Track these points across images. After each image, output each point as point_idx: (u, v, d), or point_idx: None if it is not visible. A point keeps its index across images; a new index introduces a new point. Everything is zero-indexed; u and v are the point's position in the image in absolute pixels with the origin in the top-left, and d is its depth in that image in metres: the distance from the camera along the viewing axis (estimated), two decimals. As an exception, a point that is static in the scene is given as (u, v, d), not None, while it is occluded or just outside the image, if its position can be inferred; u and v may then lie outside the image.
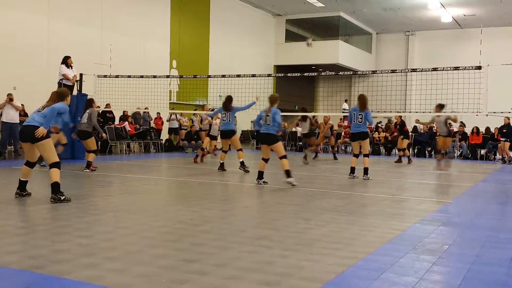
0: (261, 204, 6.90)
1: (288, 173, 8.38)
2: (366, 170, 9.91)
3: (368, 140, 10.21)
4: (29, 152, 6.59)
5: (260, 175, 8.72)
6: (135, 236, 4.55)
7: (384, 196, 7.85)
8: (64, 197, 6.31)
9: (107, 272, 3.45)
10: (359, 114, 9.85)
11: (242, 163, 10.80)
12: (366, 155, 10.02)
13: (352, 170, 10.09)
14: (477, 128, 18.67)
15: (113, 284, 3.21)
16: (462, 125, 19.45)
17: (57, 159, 6.45)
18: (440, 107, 12.25)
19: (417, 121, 14.19)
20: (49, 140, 6.46)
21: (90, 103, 10.79)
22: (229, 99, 10.95)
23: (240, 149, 11.05)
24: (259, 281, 3.34)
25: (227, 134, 10.95)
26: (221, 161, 10.90)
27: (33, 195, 6.83)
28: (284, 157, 8.47)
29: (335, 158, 16.06)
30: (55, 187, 6.32)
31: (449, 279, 3.62)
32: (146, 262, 3.70)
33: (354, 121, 9.94)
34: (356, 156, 10.11)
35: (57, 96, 6.70)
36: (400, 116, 16.51)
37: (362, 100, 9.92)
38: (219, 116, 11.84)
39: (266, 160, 8.77)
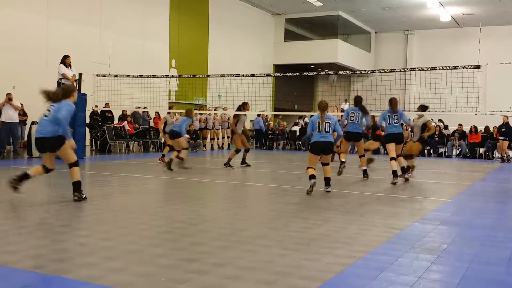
0: (260, 203, 6.91)
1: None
2: (403, 169, 9.63)
3: (402, 143, 9.87)
4: (49, 160, 6.50)
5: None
6: (135, 235, 4.56)
7: (382, 195, 7.86)
8: (84, 195, 6.41)
9: (106, 271, 3.45)
10: (394, 115, 9.58)
11: (364, 172, 10.08)
12: (400, 156, 9.71)
13: (395, 173, 9.24)
14: (475, 127, 18.68)
15: (112, 284, 3.21)
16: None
17: (75, 158, 6.49)
18: (422, 108, 10.75)
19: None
20: (67, 143, 6.31)
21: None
22: (359, 100, 10.24)
23: (363, 155, 10.27)
24: (258, 280, 3.35)
25: (355, 136, 10.08)
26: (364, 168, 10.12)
27: (32, 194, 6.83)
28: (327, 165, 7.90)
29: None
30: (77, 186, 6.38)
31: (448, 278, 3.63)
32: (145, 262, 3.70)
33: (389, 123, 9.61)
34: (395, 159, 9.52)
35: (62, 94, 6.33)
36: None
37: (394, 102, 9.67)
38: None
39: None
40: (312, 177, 7.50)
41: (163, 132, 13.56)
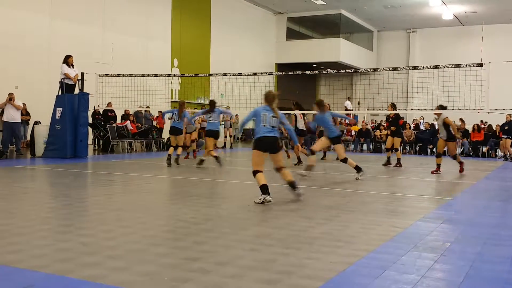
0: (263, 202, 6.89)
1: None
2: (358, 169, 9.49)
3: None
4: None
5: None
6: (137, 234, 4.56)
7: (385, 193, 7.85)
8: None
9: (109, 270, 3.46)
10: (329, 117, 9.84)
11: (201, 161, 11.41)
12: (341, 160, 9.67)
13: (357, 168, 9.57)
14: (478, 126, 18.64)
15: (115, 283, 3.22)
16: (462, 121, 19.46)
17: None
18: (441, 107, 11.13)
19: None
20: None
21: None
22: (212, 103, 11.39)
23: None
24: (260, 280, 3.34)
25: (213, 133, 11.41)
26: (203, 158, 11.47)
27: (34, 194, 6.83)
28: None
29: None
30: None
31: (451, 276, 3.62)
32: (148, 261, 3.71)
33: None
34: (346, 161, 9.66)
35: None
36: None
37: (318, 103, 9.82)
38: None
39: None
40: (264, 189, 6.38)
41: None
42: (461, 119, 20.65)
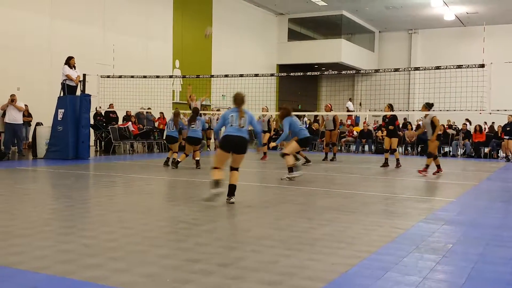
0: (264, 203, 6.90)
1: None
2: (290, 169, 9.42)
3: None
4: None
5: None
6: (139, 236, 4.56)
7: (386, 195, 7.84)
8: None
9: (111, 272, 3.46)
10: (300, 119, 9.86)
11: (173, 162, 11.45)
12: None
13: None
14: (480, 126, 18.62)
15: (117, 284, 3.22)
16: (466, 122, 19.46)
17: None
18: (428, 106, 11.00)
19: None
20: None
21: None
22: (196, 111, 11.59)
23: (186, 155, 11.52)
24: (262, 281, 3.34)
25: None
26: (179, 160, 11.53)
27: (36, 195, 6.84)
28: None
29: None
30: None
31: (453, 278, 3.61)
32: (150, 262, 3.71)
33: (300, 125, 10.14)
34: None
35: None
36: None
37: (284, 112, 9.89)
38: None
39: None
40: (216, 183, 6.33)
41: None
42: (467, 119, 20.66)
